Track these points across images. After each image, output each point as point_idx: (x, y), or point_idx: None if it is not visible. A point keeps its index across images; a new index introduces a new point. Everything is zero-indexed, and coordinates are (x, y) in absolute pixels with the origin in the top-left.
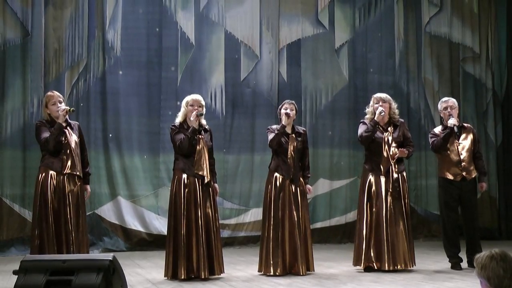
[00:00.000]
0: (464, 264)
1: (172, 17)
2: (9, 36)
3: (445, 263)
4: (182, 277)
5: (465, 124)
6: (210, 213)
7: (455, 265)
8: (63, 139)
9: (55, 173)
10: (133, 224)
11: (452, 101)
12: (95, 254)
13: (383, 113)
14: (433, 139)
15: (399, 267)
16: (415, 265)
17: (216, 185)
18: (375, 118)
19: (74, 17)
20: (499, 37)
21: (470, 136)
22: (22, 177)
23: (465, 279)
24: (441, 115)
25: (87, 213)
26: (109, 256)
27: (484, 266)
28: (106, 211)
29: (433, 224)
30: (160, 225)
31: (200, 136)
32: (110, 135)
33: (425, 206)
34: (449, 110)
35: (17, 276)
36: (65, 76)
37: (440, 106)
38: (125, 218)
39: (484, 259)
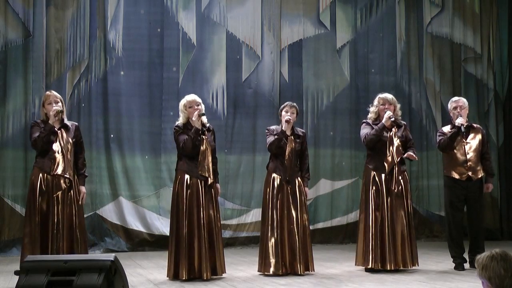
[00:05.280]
0: (467, 264)
1: (173, 18)
2: (11, 36)
3: (447, 264)
4: (184, 278)
5: (474, 125)
6: (213, 213)
7: (459, 265)
8: (54, 139)
9: (45, 174)
10: (135, 224)
11: (463, 101)
12: (97, 255)
13: (393, 118)
14: (440, 138)
15: (398, 267)
16: (417, 265)
17: (218, 185)
18: (384, 122)
19: (75, 17)
20: (500, 37)
21: (479, 137)
22: (23, 178)
23: (467, 280)
24: (451, 114)
25: (89, 214)
26: (110, 256)
27: (485, 266)
28: (108, 212)
29: (434, 224)
30: (161, 225)
31: (203, 136)
32: (112, 136)
33: (426, 206)
34: (458, 110)
35: (18, 276)
36: (66, 77)
37: (450, 105)
38: (126, 219)
39: (485, 259)
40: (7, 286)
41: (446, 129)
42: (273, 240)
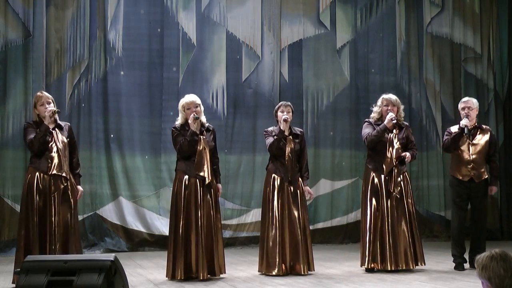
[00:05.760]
0: (467, 264)
1: (173, 18)
2: (11, 36)
3: (447, 264)
4: (179, 278)
5: (484, 126)
6: (212, 213)
7: (459, 265)
8: (50, 139)
9: (41, 174)
10: (135, 224)
11: (472, 102)
12: (97, 255)
13: (395, 120)
14: (446, 137)
15: (400, 267)
16: (423, 264)
17: (219, 185)
18: (385, 124)
19: (75, 17)
20: (500, 37)
21: (486, 138)
22: (23, 178)
23: (467, 280)
24: (460, 115)
25: (89, 214)
26: (110, 256)
27: (484, 266)
28: (108, 212)
29: (434, 224)
30: (161, 225)
31: (201, 136)
32: (112, 136)
33: (426, 206)
34: (466, 110)
35: (18, 276)
36: (66, 77)
37: (460, 106)
38: (126, 219)
39: (485, 259)
40: (8, 286)
41: (454, 129)
42: (274, 240)
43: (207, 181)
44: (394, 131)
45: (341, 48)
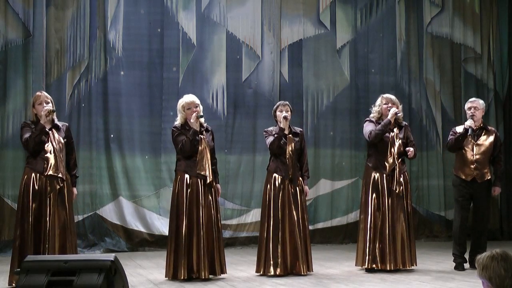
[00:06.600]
0: (467, 264)
1: (173, 18)
2: (11, 36)
3: (447, 264)
4: (182, 277)
5: (489, 127)
6: (212, 213)
7: (459, 265)
8: (46, 139)
9: (37, 174)
10: (135, 224)
11: (478, 102)
12: (97, 255)
13: (400, 113)
14: (450, 137)
15: (399, 267)
16: (415, 265)
17: (218, 185)
18: (389, 118)
19: (75, 17)
20: (500, 37)
21: (490, 139)
22: None
23: (467, 280)
24: (466, 114)
25: (89, 214)
26: (110, 256)
27: (485, 266)
28: (108, 212)
29: (434, 224)
30: (161, 225)
31: (202, 136)
32: (112, 136)
33: (426, 206)
34: (472, 110)
35: (18, 276)
36: (66, 77)
37: (466, 105)
38: (126, 219)
39: (485, 259)
40: (7, 286)
41: (459, 129)
42: (274, 240)
43: (208, 180)
44: (395, 130)
45: (341, 48)
